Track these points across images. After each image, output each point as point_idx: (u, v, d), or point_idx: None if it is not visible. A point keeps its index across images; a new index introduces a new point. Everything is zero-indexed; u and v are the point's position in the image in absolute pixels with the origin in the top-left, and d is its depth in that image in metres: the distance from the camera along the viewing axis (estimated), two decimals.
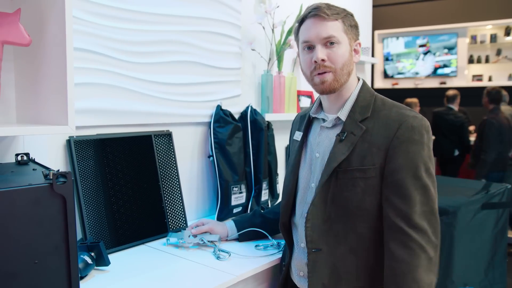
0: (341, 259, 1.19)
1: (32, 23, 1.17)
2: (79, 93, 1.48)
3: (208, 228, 1.58)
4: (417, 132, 1.15)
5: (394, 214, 1.13)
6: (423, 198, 1.13)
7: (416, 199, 1.12)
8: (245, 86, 2.17)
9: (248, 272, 1.35)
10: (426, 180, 1.14)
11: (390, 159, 1.15)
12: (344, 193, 1.18)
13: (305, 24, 1.25)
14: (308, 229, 1.22)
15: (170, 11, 1.77)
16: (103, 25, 1.55)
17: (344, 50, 1.22)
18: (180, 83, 1.83)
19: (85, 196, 1.48)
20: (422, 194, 1.13)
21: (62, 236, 0.91)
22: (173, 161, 1.79)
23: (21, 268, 0.87)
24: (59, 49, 1.08)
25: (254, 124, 2.01)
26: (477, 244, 2.82)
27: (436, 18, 6.54)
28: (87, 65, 1.51)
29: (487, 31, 6.30)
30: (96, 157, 1.53)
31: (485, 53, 6.35)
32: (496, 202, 2.87)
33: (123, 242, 1.54)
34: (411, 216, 1.11)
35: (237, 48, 2.07)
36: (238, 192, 1.93)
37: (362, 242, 1.18)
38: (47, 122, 1.14)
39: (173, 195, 1.77)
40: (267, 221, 1.61)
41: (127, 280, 1.27)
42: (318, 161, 1.27)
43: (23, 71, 1.26)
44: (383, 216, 1.17)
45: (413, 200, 1.12)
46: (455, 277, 2.76)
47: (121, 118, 1.63)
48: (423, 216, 1.12)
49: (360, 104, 1.24)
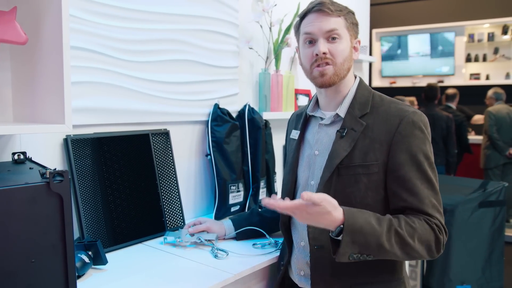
0: None
1: (29, 22, 1.17)
2: (76, 92, 1.47)
3: (206, 227, 1.58)
4: (417, 127, 1.17)
5: (406, 208, 1.15)
6: (430, 191, 1.15)
7: (424, 192, 1.14)
8: (242, 84, 2.17)
9: (246, 270, 1.35)
10: (430, 174, 1.16)
11: (393, 154, 1.16)
12: (347, 189, 1.18)
13: (308, 18, 1.25)
14: (310, 226, 1.22)
15: (167, 9, 1.76)
16: (100, 23, 1.54)
17: (345, 45, 1.23)
18: (177, 82, 1.82)
19: (82, 195, 1.47)
20: (428, 187, 1.15)
21: (59, 235, 0.91)
22: (171, 159, 1.79)
23: (17, 267, 0.86)
24: (56, 48, 1.07)
25: (252, 122, 2.01)
26: (474, 242, 2.83)
27: (434, 16, 6.55)
28: (84, 63, 1.50)
29: (485, 30, 6.31)
30: (93, 155, 1.53)
31: (483, 52, 6.37)
32: (493, 200, 2.88)
33: (120, 241, 1.54)
34: (424, 208, 1.14)
35: (234, 47, 2.07)
36: (236, 190, 1.93)
37: None
38: (44, 121, 1.14)
39: (170, 193, 1.77)
40: (265, 220, 1.61)
41: (125, 279, 1.27)
42: (317, 158, 1.27)
43: (20, 69, 1.26)
44: (392, 210, 1.18)
45: (422, 194, 1.14)
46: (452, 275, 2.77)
47: (118, 117, 1.63)
48: (434, 209, 1.15)
49: (359, 100, 1.24)
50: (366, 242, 1.06)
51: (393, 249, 1.09)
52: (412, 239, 1.10)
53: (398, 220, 1.11)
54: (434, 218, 1.14)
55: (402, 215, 1.14)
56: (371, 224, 1.07)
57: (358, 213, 1.09)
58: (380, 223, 1.09)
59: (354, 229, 1.05)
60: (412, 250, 1.11)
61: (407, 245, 1.10)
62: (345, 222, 1.05)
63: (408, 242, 1.09)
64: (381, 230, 1.07)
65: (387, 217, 1.11)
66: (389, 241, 1.08)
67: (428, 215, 1.14)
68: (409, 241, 1.09)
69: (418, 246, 1.11)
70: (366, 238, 1.06)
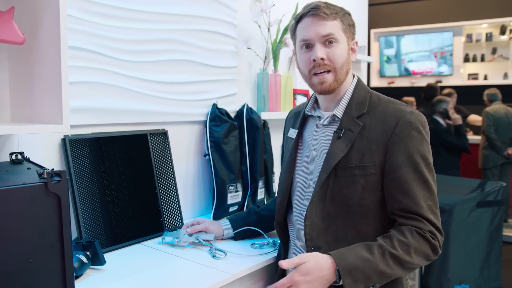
0: None
1: (26, 21, 1.17)
2: (74, 92, 1.47)
3: (204, 227, 1.58)
4: (415, 128, 1.16)
5: (401, 210, 1.15)
6: (426, 193, 1.15)
7: (420, 194, 1.14)
8: (241, 84, 2.17)
9: (244, 270, 1.35)
10: (427, 175, 1.16)
11: (390, 155, 1.16)
12: (344, 190, 1.18)
13: (303, 22, 1.23)
14: (308, 228, 1.22)
15: (165, 9, 1.76)
16: (98, 23, 1.54)
17: (343, 49, 1.22)
18: (175, 82, 1.82)
19: (80, 195, 1.47)
20: (424, 189, 1.15)
21: (57, 235, 0.91)
22: (169, 160, 1.79)
23: (15, 267, 0.86)
24: (54, 48, 1.07)
25: (250, 122, 2.01)
26: (472, 242, 2.84)
27: (432, 16, 6.56)
28: (82, 63, 1.50)
29: (483, 30, 6.33)
30: (91, 156, 1.53)
31: (481, 52, 6.38)
32: (491, 200, 2.89)
33: (118, 241, 1.54)
34: (418, 210, 1.14)
35: (233, 47, 2.07)
36: (234, 190, 1.93)
37: (361, 238, 1.18)
38: (42, 121, 1.14)
39: (168, 194, 1.76)
40: (263, 219, 1.61)
41: (123, 279, 1.27)
42: (316, 159, 1.27)
43: (18, 69, 1.26)
44: (388, 212, 1.19)
45: (418, 196, 1.14)
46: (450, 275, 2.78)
47: (116, 117, 1.63)
48: (429, 210, 1.15)
49: (356, 100, 1.24)
50: (366, 276, 1.07)
51: (394, 271, 1.10)
52: (408, 255, 1.11)
53: (390, 240, 1.12)
54: (427, 224, 1.13)
55: (393, 232, 1.14)
56: (363, 257, 1.08)
57: (347, 252, 1.10)
58: (372, 251, 1.09)
59: (350, 269, 1.07)
60: (412, 265, 1.12)
61: (406, 262, 1.11)
62: (338, 266, 1.07)
63: (405, 260, 1.10)
64: (375, 259, 1.08)
65: (377, 243, 1.12)
66: (387, 266, 1.09)
67: (422, 217, 1.14)
68: (406, 258, 1.10)
69: (416, 259, 1.12)
70: (364, 272, 1.07)
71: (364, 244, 1.12)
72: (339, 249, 1.12)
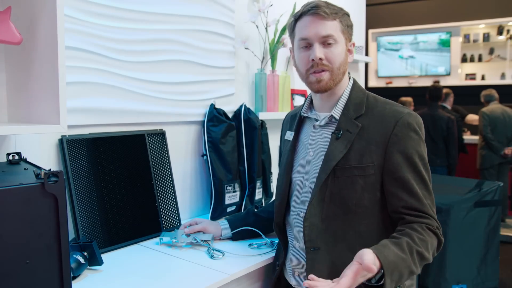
0: (339, 257, 1.19)
1: (23, 22, 1.16)
2: (71, 92, 1.47)
3: (201, 228, 1.58)
4: (412, 129, 1.18)
5: (406, 208, 1.16)
6: (425, 192, 1.17)
7: (420, 193, 1.16)
8: (238, 85, 2.17)
9: (242, 271, 1.35)
10: (424, 175, 1.18)
11: (389, 156, 1.17)
12: (343, 191, 1.19)
13: (303, 21, 1.23)
14: (306, 229, 1.22)
15: (163, 9, 1.76)
16: (95, 23, 1.54)
17: (341, 49, 1.22)
18: (173, 82, 1.82)
19: (77, 196, 1.47)
20: (423, 188, 1.17)
21: (54, 235, 0.91)
22: (167, 160, 1.79)
23: (12, 268, 0.86)
24: (51, 48, 1.07)
25: (248, 123, 2.01)
26: (470, 242, 2.84)
27: (430, 17, 6.58)
28: (79, 63, 1.50)
29: (480, 30, 6.35)
30: (88, 156, 1.53)
31: (478, 52, 6.40)
32: (489, 200, 2.90)
33: (116, 242, 1.54)
34: (424, 209, 1.15)
35: (230, 47, 2.07)
36: (232, 191, 1.93)
37: (360, 239, 1.18)
38: (39, 121, 1.14)
39: (166, 194, 1.76)
40: (261, 220, 1.61)
41: (120, 279, 1.27)
42: (312, 159, 1.27)
43: (15, 70, 1.25)
44: (391, 211, 1.19)
45: (419, 195, 1.16)
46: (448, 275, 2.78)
47: (114, 117, 1.62)
48: (431, 208, 1.17)
49: (353, 101, 1.24)
50: (400, 275, 1.04)
51: (418, 269, 1.09)
52: (427, 252, 1.11)
53: (411, 238, 1.09)
54: (433, 220, 1.16)
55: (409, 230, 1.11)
56: (399, 255, 1.04)
57: (385, 249, 1.03)
58: (403, 249, 1.06)
59: (392, 268, 1.01)
60: (427, 262, 1.12)
61: (425, 259, 1.11)
62: (383, 266, 0.99)
63: (426, 257, 1.10)
64: (407, 257, 1.05)
65: (404, 240, 1.08)
66: (415, 265, 1.07)
67: (428, 214, 1.15)
68: (426, 255, 1.10)
69: (430, 255, 1.12)
70: (400, 271, 1.03)
71: (392, 241, 1.08)
72: (376, 246, 1.03)
